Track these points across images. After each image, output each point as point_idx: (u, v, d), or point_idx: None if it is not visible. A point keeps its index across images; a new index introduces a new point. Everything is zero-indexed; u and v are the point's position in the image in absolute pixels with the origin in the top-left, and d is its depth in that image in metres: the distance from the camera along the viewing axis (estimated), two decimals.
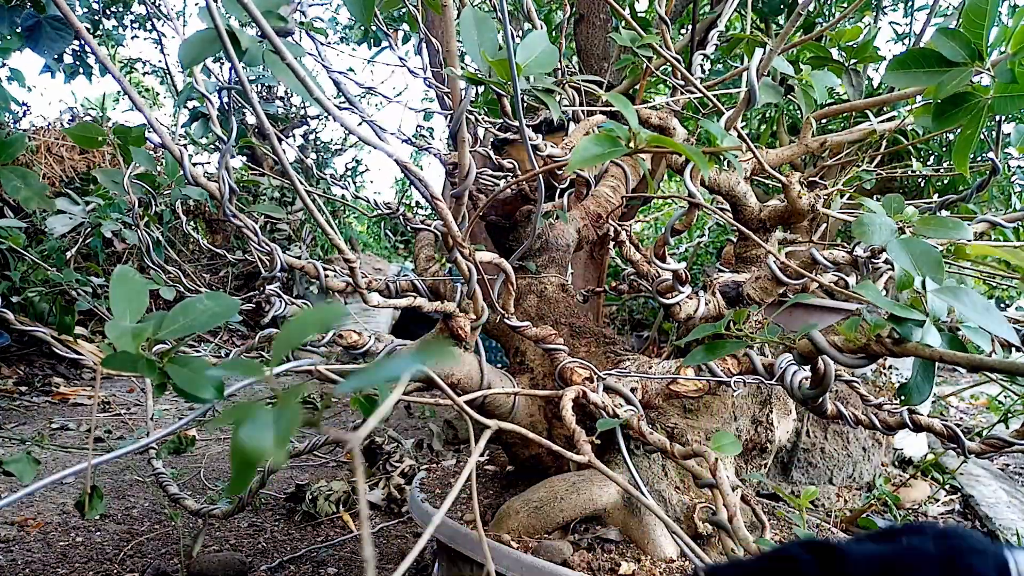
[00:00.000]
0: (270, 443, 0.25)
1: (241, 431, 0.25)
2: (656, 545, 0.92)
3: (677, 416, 1.07)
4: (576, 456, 0.55)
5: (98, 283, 2.69)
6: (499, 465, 1.36)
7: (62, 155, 4.09)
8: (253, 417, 0.26)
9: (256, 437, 0.25)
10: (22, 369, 3.14)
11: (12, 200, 3.47)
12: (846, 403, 0.69)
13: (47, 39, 1.40)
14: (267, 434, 0.25)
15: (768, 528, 0.77)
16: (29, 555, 1.41)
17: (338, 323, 0.67)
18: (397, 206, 1.29)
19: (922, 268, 0.46)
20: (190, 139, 3.90)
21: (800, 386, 0.68)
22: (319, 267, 0.92)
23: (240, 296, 0.63)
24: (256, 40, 0.52)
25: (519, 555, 0.83)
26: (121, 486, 1.84)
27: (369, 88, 1.38)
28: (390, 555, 1.53)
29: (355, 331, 0.84)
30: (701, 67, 1.27)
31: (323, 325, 0.32)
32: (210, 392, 0.42)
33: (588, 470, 0.96)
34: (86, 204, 1.41)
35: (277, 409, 0.26)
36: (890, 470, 2.09)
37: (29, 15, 1.38)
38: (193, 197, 1.08)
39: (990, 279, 1.16)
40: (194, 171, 0.75)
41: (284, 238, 4.86)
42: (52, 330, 0.74)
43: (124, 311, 0.43)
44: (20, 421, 2.50)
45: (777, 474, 1.86)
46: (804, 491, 1.00)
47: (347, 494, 1.77)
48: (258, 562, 1.43)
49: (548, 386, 1.10)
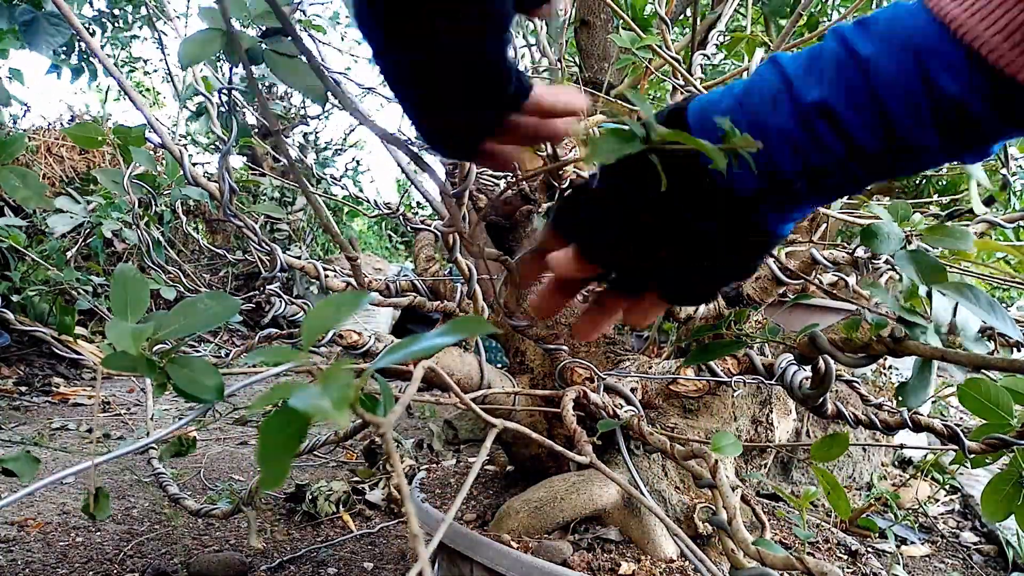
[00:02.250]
0: (328, 405, 0.23)
1: (292, 399, 0.24)
2: (656, 545, 0.92)
3: (677, 416, 1.07)
4: (577, 457, 0.55)
5: (98, 283, 2.69)
6: (499, 465, 1.36)
7: (62, 155, 4.09)
8: (300, 390, 0.25)
9: (312, 402, 0.23)
10: (22, 369, 3.14)
11: (12, 200, 3.47)
12: (846, 403, 0.69)
13: (44, 34, 1.40)
14: (323, 399, 0.24)
15: (768, 528, 0.77)
16: (29, 555, 1.41)
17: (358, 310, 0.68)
18: (397, 206, 1.29)
19: (927, 279, 0.47)
20: (191, 139, 3.90)
21: (800, 386, 0.68)
22: (319, 267, 0.92)
23: (240, 296, 0.63)
24: (256, 40, 0.52)
25: (519, 555, 0.83)
26: (121, 486, 1.84)
27: (369, 88, 1.38)
28: (390, 555, 1.53)
29: (355, 331, 0.84)
30: (701, 67, 1.27)
31: (346, 313, 0.32)
32: (210, 393, 0.42)
33: (588, 470, 0.96)
34: (86, 204, 1.41)
35: (324, 379, 0.25)
36: (890, 470, 2.09)
37: (26, 10, 1.38)
38: (193, 197, 1.08)
39: (991, 279, 1.16)
40: (194, 171, 0.75)
41: (284, 238, 4.86)
42: (52, 330, 0.74)
43: (125, 311, 0.43)
44: (20, 421, 2.50)
45: (777, 474, 1.86)
46: (804, 491, 1.00)
47: (347, 494, 1.77)
48: (258, 562, 1.43)
49: (548, 386, 1.10)
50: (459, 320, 0.31)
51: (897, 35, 0.35)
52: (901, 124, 0.35)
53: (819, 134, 0.37)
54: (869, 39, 0.35)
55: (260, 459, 0.27)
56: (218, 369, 0.42)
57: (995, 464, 0.69)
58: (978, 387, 0.63)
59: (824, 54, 0.37)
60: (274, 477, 0.27)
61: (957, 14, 0.33)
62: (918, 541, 1.68)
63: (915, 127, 0.35)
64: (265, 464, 0.27)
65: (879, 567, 0.98)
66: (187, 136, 4.58)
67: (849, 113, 0.36)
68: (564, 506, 0.95)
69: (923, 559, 1.60)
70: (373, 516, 1.75)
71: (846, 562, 0.99)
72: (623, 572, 0.87)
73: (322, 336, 0.82)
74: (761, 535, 0.74)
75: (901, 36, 0.35)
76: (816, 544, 1.03)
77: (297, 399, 0.24)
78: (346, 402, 0.23)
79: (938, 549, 1.66)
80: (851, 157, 0.37)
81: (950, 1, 0.33)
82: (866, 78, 0.35)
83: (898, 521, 1.73)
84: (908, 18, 0.35)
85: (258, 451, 0.27)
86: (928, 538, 1.72)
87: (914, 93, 0.34)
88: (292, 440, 0.27)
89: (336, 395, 0.24)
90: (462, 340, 0.85)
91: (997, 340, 0.79)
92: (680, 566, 0.90)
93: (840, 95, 0.36)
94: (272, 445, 0.27)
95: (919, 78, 0.34)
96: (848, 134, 0.36)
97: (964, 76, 0.33)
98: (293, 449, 0.27)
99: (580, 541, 0.93)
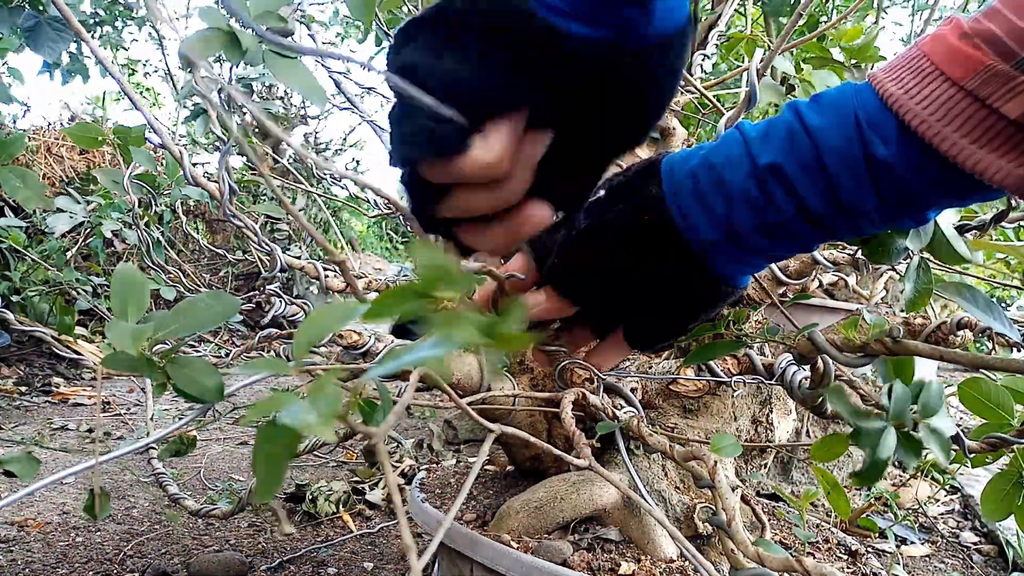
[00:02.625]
0: (315, 419, 0.24)
1: (282, 415, 0.24)
2: (656, 545, 0.92)
3: (677, 416, 1.07)
4: (576, 460, 0.55)
5: (98, 283, 2.69)
6: (499, 465, 1.36)
7: (62, 155, 4.09)
8: (288, 403, 0.25)
9: (299, 417, 0.24)
10: (22, 369, 3.14)
11: (12, 200, 3.47)
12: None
13: (47, 40, 1.40)
14: (310, 414, 0.24)
15: (768, 528, 0.77)
16: (29, 555, 1.41)
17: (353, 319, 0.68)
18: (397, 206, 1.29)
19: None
20: (191, 139, 3.90)
21: (800, 386, 0.68)
22: (319, 267, 0.92)
23: (240, 296, 0.63)
24: (257, 39, 0.52)
25: (519, 555, 0.83)
26: (121, 486, 1.84)
27: (369, 88, 1.38)
28: (390, 555, 1.53)
29: (355, 331, 0.84)
30: (701, 67, 1.27)
31: (342, 322, 0.32)
32: (210, 393, 0.42)
33: (588, 470, 0.96)
34: (86, 204, 1.41)
35: (313, 393, 0.25)
36: (890, 470, 2.09)
37: (29, 15, 1.38)
38: (193, 197, 1.08)
39: (990, 280, 1.16)
40: (194, 171, 0.75)
41: (284, 238, 4.86)
42: (52, 330, 0.74)
43: (125, 311, 0.43)
44: (20, 421, 2.50)
45: (777, 474, 1.86)
46: (804, 491, 1.00)
47: (347, 494, 1.77)
48: (258, 562, 1.43)
49: (549, 387, 1.10)
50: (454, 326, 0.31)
51: (842, 108, 0.40)
52: (844, 187, 0.40)
53: (771, 193, 0.41)
54: (819, 112, 0.40)
55: (255, 469, 0.28)
56: (218, 369, 0.42)
57: (995, 464, 0.69)
58: (978, 387, 0.63)
59: (779, 124, 0.42)
60: (268, 486, 0.27)
61: (893, 90, 0.38)
62: (918, 541, 1.68)
63: (856, 189, 0.40)
64: (260, 473, 0.27)
65: (879, 567, 0.99)
66: (187, 136, 4.58)
67: (799, 176, 0.40)
68: (564, 506, 0.95)
69: (923, 559, 1.60)
70: (373, 516, 1.75)
71: (846, 562, 0.99)
72: (623, 572, 0.87)
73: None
74: (761, 535, 0.74)
75: (846, 109, 0.40)
76: (816, 544, 1.03)
77: (286, 414, 0.24)
78: (332, 417, 0.24)
79: (938, 549, 1.66)
80: (801, 216, 0.41)
81: (889, 80, 0.39)
82: (814, 144, 0.40)
83: (898, 521, 1.73)
84: (853, 95, 0.40)
85: (254, 462, 0.28)
86: (928, 538, 1.72)
87: (854, 158, 0.39)
88: (284, 451, 0.28)
89: (323, 410, 0.24)
90: None
91: (996, 340, 0.79)
92: (680, 566, 0.90)
93: (792, 159, 0.40)
94: (266, 456, 0.28)
95: (859, 144, 0.39)
96: (798, 194, 0.41)
97: (893, 144, 0.38)
98: (286, 459, 0.28)
99: (580, 541, 0.93)
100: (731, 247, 0.44)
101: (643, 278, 0.46)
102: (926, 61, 0.37)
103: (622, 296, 0.47)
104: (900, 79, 0.38)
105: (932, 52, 0.37)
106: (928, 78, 0.37)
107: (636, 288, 0.47)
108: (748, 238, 0.43)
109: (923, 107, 0.36)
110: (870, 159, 0.38)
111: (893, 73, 0.38)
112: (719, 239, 0.43)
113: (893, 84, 0.38)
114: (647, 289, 0.46)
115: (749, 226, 0.42)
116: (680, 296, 0.47)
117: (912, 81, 0.37)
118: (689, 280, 0.46)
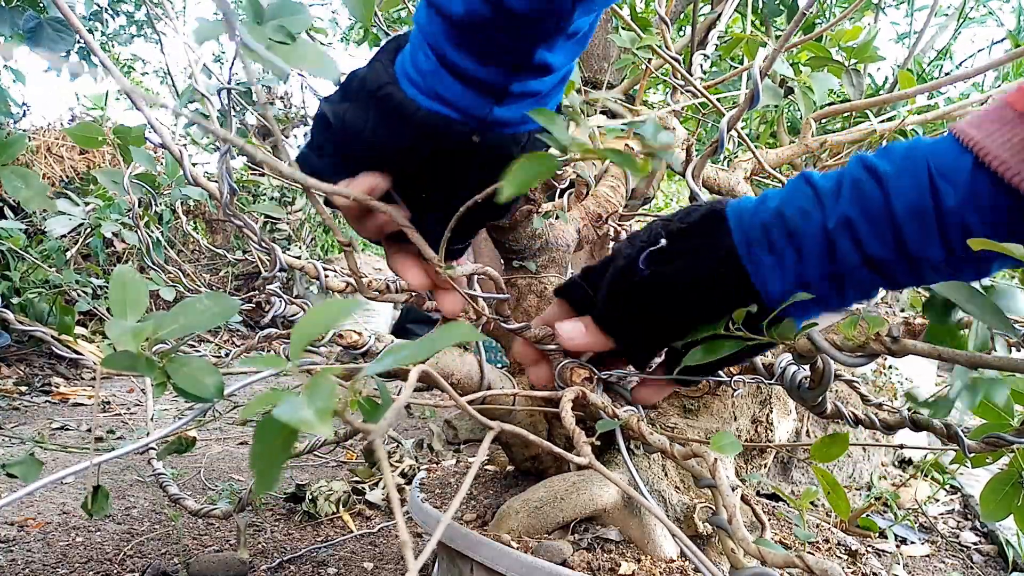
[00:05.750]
0: (311, 415, 0.24)
1: (277, 410, 0.24)
2: (656, 545, 0.92)
3: (677, 416, 1.07)
4: (576, 458, 0.55)
5: (98, 283, 2.69)
6: (499, 465, 1.36)
7: (62, 155, 4.08)
8: (285, 400, 0.25)
9: (295, 414, 0.24)
10: (22, 369, 3.14)
11: (12, 200, 3.47)
12: (846, 403, 0.69)
13: (48, 40, 1.40)
14: (306, 410, 0.24)
15: (768, 528, 0.77)
16: (29, 555, 1.41)
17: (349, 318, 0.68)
18: None
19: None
20: (191, 139, 3.90)
21: (800, 386, 0.68)
22: (319, 267, 0.92)
23: (240, 296, 0.63)
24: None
25: (519, 555, 0.83)
26: (121, 486, 1.84)
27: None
28: (390, 555, 1.53)
29: (355, 331, 0.84)
30: (701, 67, 1.27)
31: (339, 318, 0.32)
32: (210, 392, 0.42)
33: (588, 470, 0.96)
34: (86, 204, 1.41)
35: (310, 389, 0.25)
36: (890, 470, 2.09)
37: (30, 16, 1.38)
38: (193, 197, 1.08)
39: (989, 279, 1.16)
40: (194, 171, 0.75)
41: (284, 238, 4.86)
42: (52, 330, 0.74)
43: (124, 311, 0.43)
44: (20, 421, 2.50)
45: (777, 474, 1.86)
46: (804, 491, 1.00)
47: (347, 494, 1.77)
48: (258, 562, 1.43)
49: (548, 387, 1.10)
50: (450, 326, 0.31)
51: (914, 158, 0.40)
52: (910, 236, 0.40)
53: (840, 243, 0.42)
54: (889, 160, 0.41)
55: (253, 465, 0.28)
56: (218, 368, 0.42)
57: (995, 464, 0.69)
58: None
59: (848, 174, 0.43)
60: (267, 482, 0.27)
61: (973, 134, 0.38)
62: (918, 541, 1.68)
63: (922, 238, 0.40)
64: (258, 469, 0.27)
65: (879, 567, 0.99)
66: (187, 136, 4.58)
67: (865, 226, 0.41)
68: (564, 506, 0.95)
69: (923, 559, 1.60)
70: (373, 516, 1.75)
71: (846, 562, 0.99)
72: (623, 572, 0.87)
73: (322, 336, 0.82)
74: (761, 535, 0.74)
75: (917, 160, 0.40)
76: (816, 544, 1.03)
77: (282, 410, 0.24)
78: (328, 413, 0.24)
79: (938, 549, 1.66)
80: (866, 264, 0.43)
81: (971, 128, 0.39)
82: (884, 192, 0.40)
83: (898, 521, 1.73)
84: (926, 147, 0.40)
85: (251, 457, 0.28)
86: (928, 538, 1.72)
87: (924, 207, 0.39)
88: (282, 447, 0.28)
89: (319, 405, 0.24)
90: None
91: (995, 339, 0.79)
92: (680, 566, 0.90)
93: (859, 209, 0.41)
94: (264, 452, 0.28)
95: (929, 193, 0.39)
96: (863, 243, 0.42)
97: (963, 188, 0.38)
98: (284, 455, 0.28)
99: (580, 541, 0.93)
100: (800, 296, 0.45)
101: (707, 324, 0.48)
102: (1009, 110, 0.38)
103: (679, 340, 0.50)
104: (981, 126, 0.39)
105: (1016, 102, 0.38)
106: (1011, 123, 0.37)
107: (696, 333, 0.49)
108: (817, 288, 0.45)
109: (1004, 148, 0.37)
110: (939, 208, 0.39)
111: (975, 122, 0.39)
112: (789, 290, 0.45)
113: (974, 129, 0.39)
114: (707, 334, 0.48)
115: (818, 275, 0.44)
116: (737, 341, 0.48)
117: (994, 127, 0.38)
118: (754, 328, 0.47)
